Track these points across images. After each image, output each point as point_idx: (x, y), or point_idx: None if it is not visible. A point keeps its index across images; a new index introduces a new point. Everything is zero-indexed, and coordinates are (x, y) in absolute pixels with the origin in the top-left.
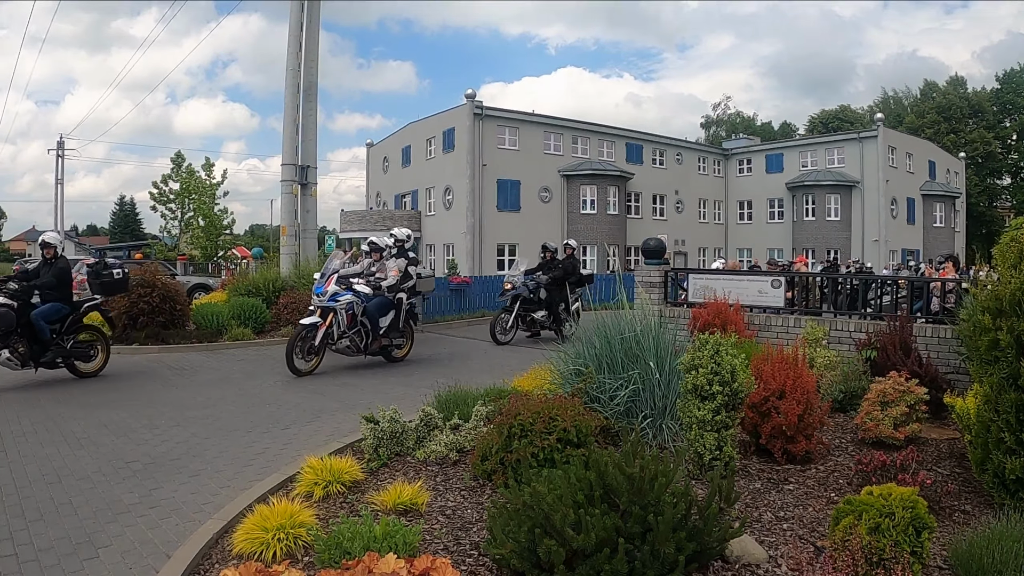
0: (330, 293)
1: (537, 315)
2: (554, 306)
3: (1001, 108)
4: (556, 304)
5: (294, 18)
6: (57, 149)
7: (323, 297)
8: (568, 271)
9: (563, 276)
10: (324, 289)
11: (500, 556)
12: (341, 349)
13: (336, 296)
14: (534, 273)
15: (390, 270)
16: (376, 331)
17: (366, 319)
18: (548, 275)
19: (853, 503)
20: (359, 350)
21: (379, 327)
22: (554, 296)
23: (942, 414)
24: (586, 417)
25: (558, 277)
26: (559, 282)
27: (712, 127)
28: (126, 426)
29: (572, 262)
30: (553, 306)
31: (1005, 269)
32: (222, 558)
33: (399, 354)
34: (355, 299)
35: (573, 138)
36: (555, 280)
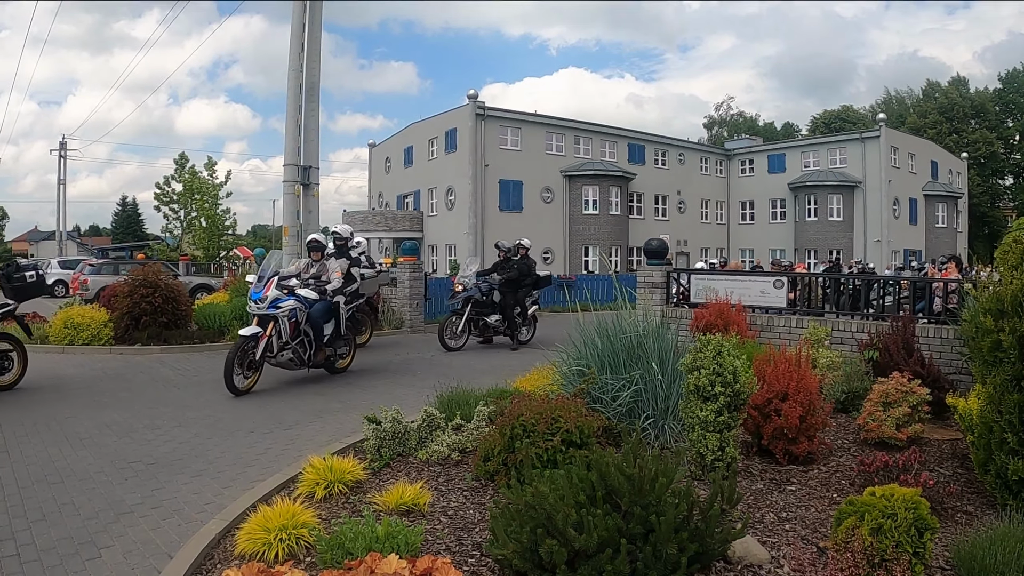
0: (270, 299)
1: (490, 319)
2: (508, 310)
3: (1004, 108)
4: (510, 307)
5: (296, 19)
6: (59, 149)
7: (262, 304)
8: (523, 272)
9: (518, 277)
10: (263, 295)
11: (502, 556)
12: (282, 363)
13: (277, 302)
14: (487, 274)
15: (332, 271)
16: (320, 340)
17: (310, 327)
18: (502, 276)
19: (855, 504)
20: (302, 362)
21: (323, 336)
22: (508, 299)
23: (944, 415)
24: (588, 418)
25: (512, 278)
26: (513, 284)
27: (715, 127)
28: (128, 426)
29: (527, 262)
30: (507, 310)
31: (1007, 270)
32: (224, 558)
33: (341, 365)
34: (298, 305)
35: (575, 138)
36: (509, 281)
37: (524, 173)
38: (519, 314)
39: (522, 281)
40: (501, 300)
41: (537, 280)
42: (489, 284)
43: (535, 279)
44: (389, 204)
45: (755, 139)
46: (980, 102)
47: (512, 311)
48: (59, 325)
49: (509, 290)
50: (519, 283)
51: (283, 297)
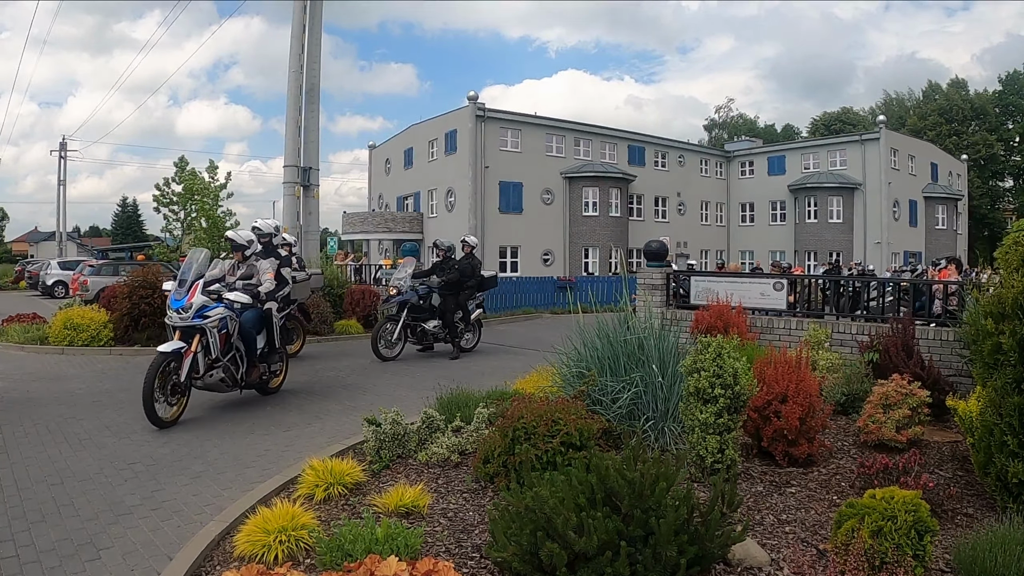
0: (196, 306)
1: (428, 325)
2: (448, 314)
3: (1003, 110)
4: (451, 312)
5: (296, 20)
6: (60, 150)
7: (186, 313)
8: (465, 273)
9: (459, 279)
10: (187, 302)
11: (502, 559)
12: (212, 384)
13: (205, 310)
14: (425, 276)
15: (263, 272)
16: (253, 355)
17: (241, 340)
18: (441, 278)
19: (855, 506)
20: (234, 383)
21: (256, 350)
22: (449, 303)
23: (944, 417)
24: (588, 420)
25: (452, 280)
26: (454, 286)
27: (715, 129)
28: (128, 427)
29: (470, 262)
30: (447, 314)
31: (1008, 272)
32: (224, 560)
33: (275, 383)
34: (229, 313)
35: (575, 140)
36: (449, 284)
37: (524, 175)
38: (461, 319)
39: (464, 283)
40: (441, 304)
41: (481, 281)
42: (427, 287)
43: (479, 280)
44: (389, 205)
45: (755, 141)
46: (980, 104)
47: (453, 316)
48: (59, 326)
49: (449, 293)
50: (461, 285)
51: (211, 304)
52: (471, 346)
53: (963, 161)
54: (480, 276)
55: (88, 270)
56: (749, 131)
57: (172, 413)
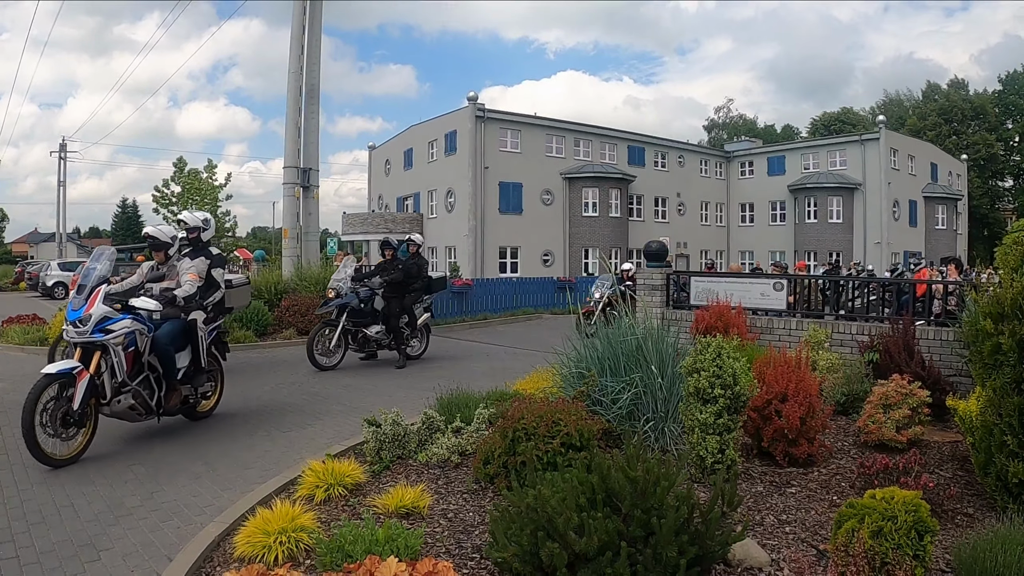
0: (95, 318)
1: (370, 331)
2: (393, 319)
3: (1003, 110)
4: (395, 316)
5: (296, 21)
6: (60, 152)
7: (83, 326)
8: (410, 273)
9: (404, 280)
10: (84, 312)
11: (502, 560)
12: (119, 412)
13: (106, 323)
14: (367, 277)
15: (184, 273)
16: (172, 377)
17: (155, 358)
18: (384, 278)
19: (855, 506)
20: (148, 410)
21: (176, 370)
22: (393, 306)
23: (944, 417)
24: (588, 421)
25: (397, 281)
26: (399, 288)
27: (715, 130)
28: (127, 428)
29: (417, 262)
30: (391, 319)
31: (1007, 272)
32: (224, 561)
33: (205, 407)
34: (138, 327)
35: (575, 140)
36: (393, 285)
37: (524, 175)
38: (407, 324)
39: (410, 284)
40: (384, 308)
41: (429, 283)
42: (369, 289)
43: (426, 282)
44: (389, 206)
45: (755, 141)
46: (980, 104)
47: (397, 320)
48: (58, 327)
49: (394, 295)
50: (406, 287)
51: (115, 315)
52: (418, 353)
53: (963, 161)
54: (427, 277)
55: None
56: (749, 131)
57: (70, 450)
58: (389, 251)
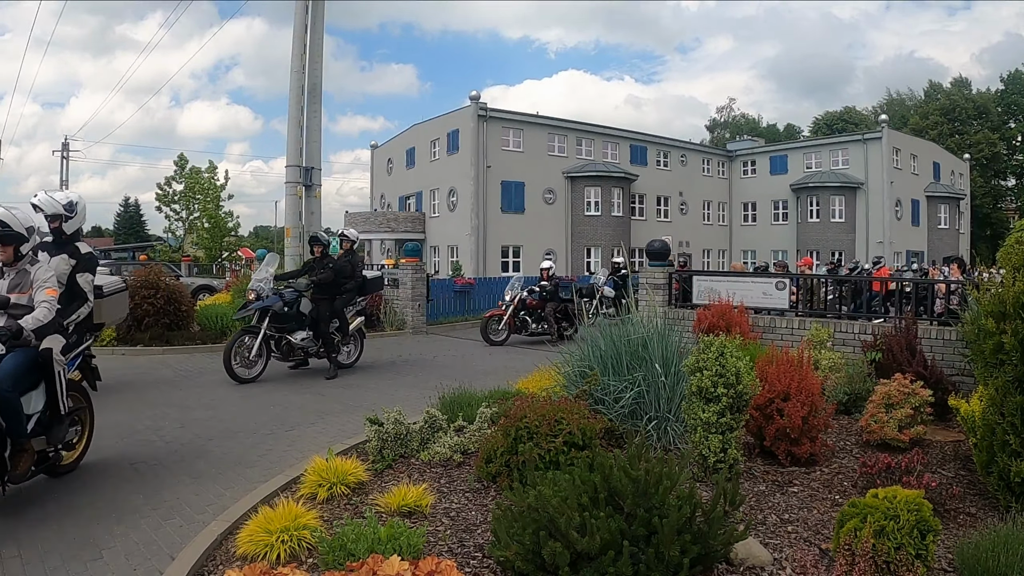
0: None
1: (296, 338)
2: (322, 324)
3: (1006, 109)
4: (325, 321)
5: (298, 20)
6: (62, 151)
7: None
8: (342, 273)
9: (334, 280)
10: None
11: (504, 558)
12: None
13: None
14: (292, 277)
15: (41, 286)
16: (20, 431)
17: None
18: (312, 278)
19: (858, 506)
20: None
21: (23, 421)
22: (322, 309)
23: (947, 416)
24: (591, 420)
25: (326, 281)
26: (329, 289)
27: (717, 129)
28: (130, 427)
29: (350, 260)
30: (320, 324)
31: (1009, 271)
32: (226, 559)
33: (68, 459)
34: None
35: (577, 140)
36: (322, 286)
37: (526, 174)
38: (337, 329)
39: (341, 285)
40: (312, 311)
41: (363, 283)
42: (295, 290)
43: (360, 282)
44: (391, 205)
45: (757, 140)
46: (982, 103)
47: (327, 325)
48: None
49: (323, 297)
50: (337, 287)
51: None
52: (351, 361)
53: (965, 160)
54: (361, 277)
55: None
56: (751, 131)
57: None
58: (319, 247)
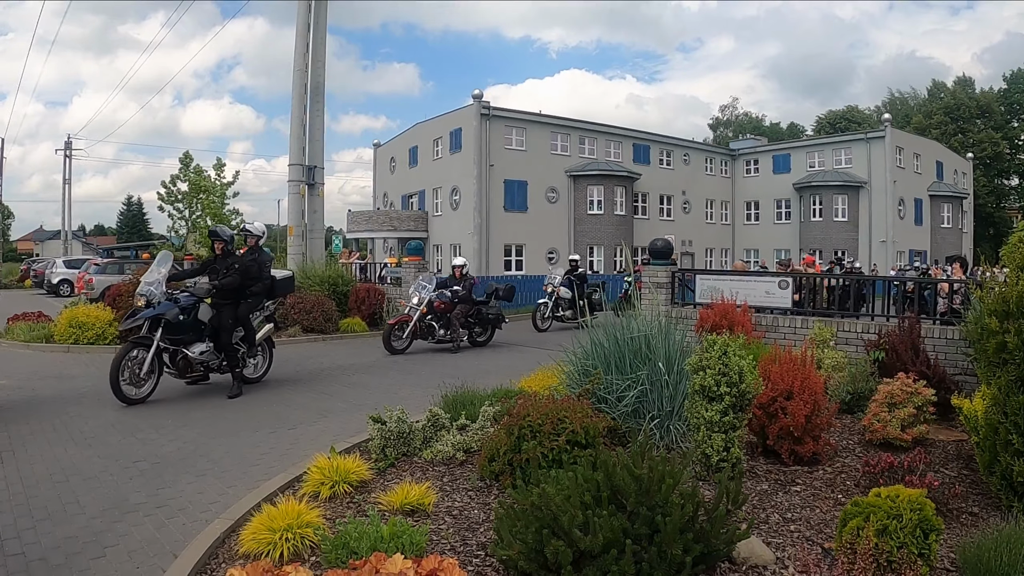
0: None
1: (194, 351)
2: (224, 333)
3: (1008, 108)
4: (227, 330)
5: (301, 19)
6: (65, 150)
7: None
8: (248, 274)
9: (239, 283)
10: None
11: (507, 557)
12: None
13: None
14: (190, 277)
15: None
16: None
17: None
18: (214, 281)
19: (860, 505)
20: None
21: None
22: (225, 317)
23: (949, 416)
24: (594, 418)
25: (229, 285)
26: (233, 293)
27: (720, 128)
28: (133, 425)
29: (256, 259)
30: (223, 334)
31: (1013, 270)
32: (229, 558)
33: None
34: None
35: (580, 138)
36: (223, 290)
37: (529, 173)
38: (242, 339)
39: (247, 288)
40: (213, 319)
41: (272, 286)
42: (192, 295)
43: (268, 284)
44: (394, 204)
45: (760, 139)
46: (985, 102)
47: (230, 335)
48: (64, 324)
49: (226, 303)
50: (242, 291)
51: None
52: (258, 375)
53: (968, 159)
54: (270, 278)
55: (93, 269)
56: (754, 130)
57: None
58: (220, 244)
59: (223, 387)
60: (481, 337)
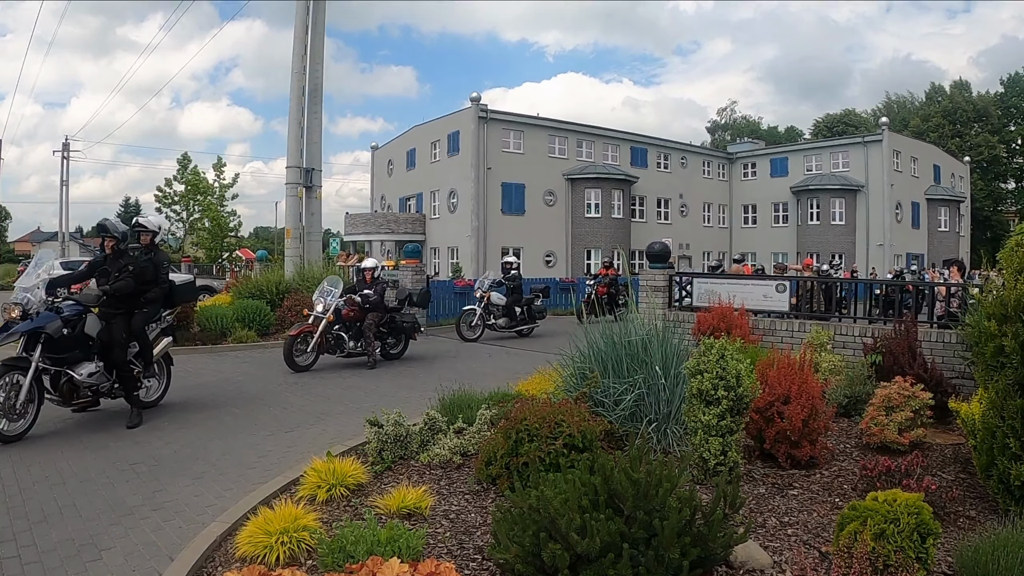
0: None
1: (82, 372)
2: (117, 350)
3: (1006, 112)
4: (120, 345)
5: (299, 21)
6: (62, 151)
7: None
8: (143, 276)
9: (132, 289)
10: None
11: (504, 561)
12: None
13: None
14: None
15: None
16: None
17: None
18: (103, 287)
19: (858, 509)
20: None
21: None
22: (116, 330)
23: (947, 419)
24: (591, 422)
25: (121, 290)
26: (126, 301)
27: (718, 131)
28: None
29: (152, 259)
30: (116, 350)
31: (1010, 274)
32: (225, 561)
33: None
34: None
35: (578, 141)
36: (115, 297)
37: (526, 176)
38: (138, 355)
39: (142, 293)
40: (103, 332)
41: (170, 292)
42: (76, 303)
43: (166, 290)
44: (391, 206)
45: (757, 143)
46: (983, 106)
47: (124, 352)
48: None
49: (118, 312)
50: (137, 297)
51: None
52: (153, 399)
53: (966, 163)
54: (167, 283)
55: None
56: (752, 133)
57: None
58: (110, 241)
59: (221, 387)
60: (394, 349)
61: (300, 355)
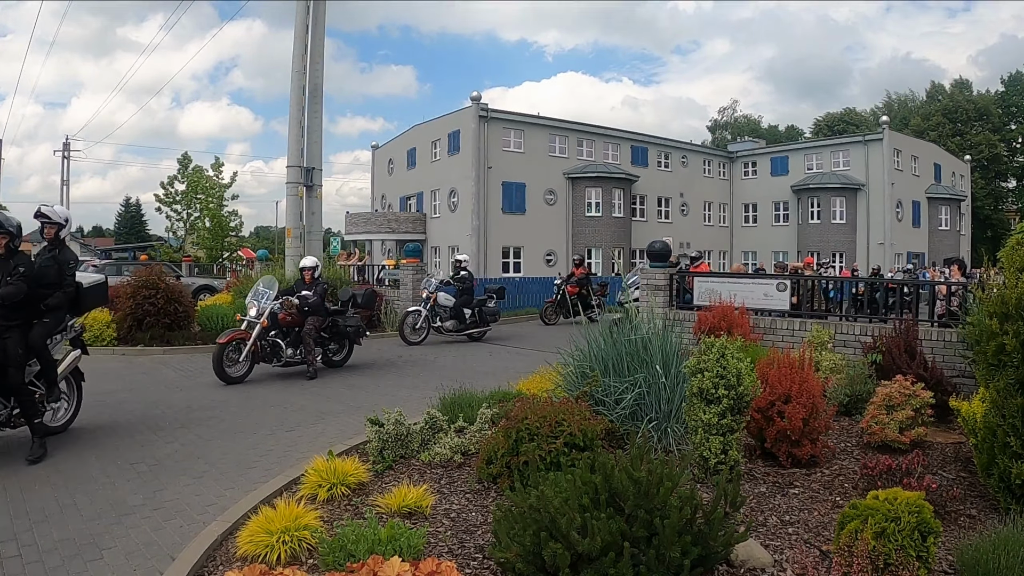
0: None
1: None
2: (14, 369)
3: (1006, 111)
4: (18, 364)
5: (299, 21)
6: (63, 151)
7: None
8: (44, 279)
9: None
10: None
11: (505, 560)
12: None
13: None
14: None
15: None
16: None
17: None
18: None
19: (859, 507)
20: None
21: None
22: (11, 346)
23: (948, 418)
24: (592, 421)
25: (11, 297)
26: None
27: (718, 130)
28: (130, 427)
29: (56, 258)
30: (11, 371)
31: (1011, 273)
32: (226, 560)
33: None
34: None
35: (578, 140)
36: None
37: (527, 175)
38: (39, 375)
39: (41, 300)
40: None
41: (77, 296)
42: None
43: (71, 294)
44: (392, 206)
45: (758, 142)
46: (983, 105)
47: (22, 372)
48: None
49: (12, 324)
50: (35, 304)
51: None
52: (62, 423)
53: (966, 162)
54: (73, 286)
55: (91, 270)
56: (752, 132)
57: None
58: (2, 239)
59: (221, 387)
60: (336, 356)
61: (232, 365)
